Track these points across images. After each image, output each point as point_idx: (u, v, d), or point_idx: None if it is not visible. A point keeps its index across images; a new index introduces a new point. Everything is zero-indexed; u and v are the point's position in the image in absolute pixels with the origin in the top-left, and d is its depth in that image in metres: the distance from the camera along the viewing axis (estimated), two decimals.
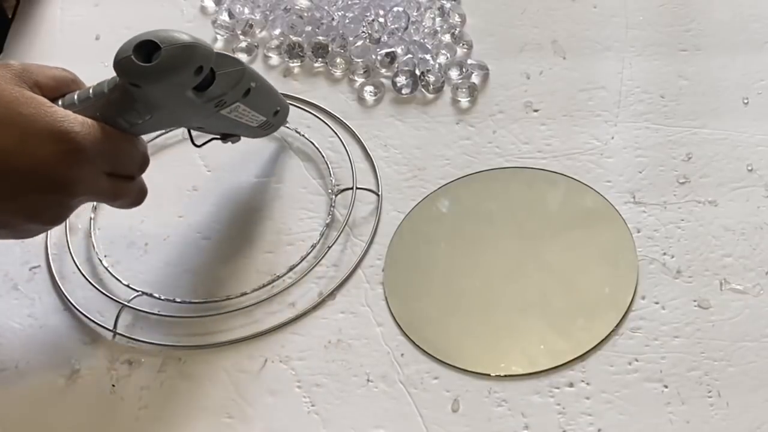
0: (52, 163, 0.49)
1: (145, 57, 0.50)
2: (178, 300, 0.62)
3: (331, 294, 0.62)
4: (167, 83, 0.51)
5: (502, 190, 0.66)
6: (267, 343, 0.60)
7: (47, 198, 0.51)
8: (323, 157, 0.68)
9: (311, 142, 0.69)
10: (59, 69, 0.54)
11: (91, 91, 0.53)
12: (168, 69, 0.50)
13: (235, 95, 0.56)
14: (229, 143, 0.63)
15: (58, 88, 0.53)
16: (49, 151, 0.49)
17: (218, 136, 0.62)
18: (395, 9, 0.74)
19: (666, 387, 0.55)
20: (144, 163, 0.56)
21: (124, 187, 0.55)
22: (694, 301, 0.59)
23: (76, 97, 0.53)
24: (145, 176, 0.69)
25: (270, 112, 0.63)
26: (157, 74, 0.50)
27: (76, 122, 0.50)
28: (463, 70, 0.72)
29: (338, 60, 0.74)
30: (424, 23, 0.75)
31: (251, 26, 0.78)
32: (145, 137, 0.55)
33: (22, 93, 0.50)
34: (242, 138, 0.64)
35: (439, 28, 0.75)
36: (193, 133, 0.61)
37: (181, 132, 0.72)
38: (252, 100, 0.58)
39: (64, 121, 0.50)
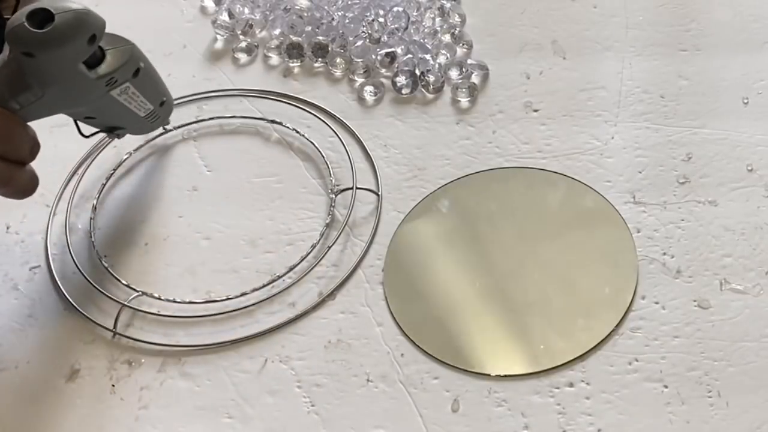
0: None
1: (38, 26, 0.50)
2: (178, 300, 0.62)
3: (331, 294, 0.62)
4: (61, 51, 0.51)
5: (502, 190, 0.66)
6: (267, 343, 0.60)
7: None
8: (323, 157, 0.68)
9: (311, 142, 0.69)
10: None
11: None
12: (62, 36, 0.50)
13: (125, 73, 0.57)
14: (115, 138, 0.64)
15: None
16: None
17: (104, 129, 0.62)
18: (395, 9, 0.74)
19: (666, 387, 0.55)
20: (35, 148, 0.55)
21: (14, 172, 0.54)
22: (694, 301, 0.59)
23: None
24: (146, 176, 0.70)
25: (157, 100, 0.62)
26: (52, 41, 0.50)
27: None
28: (463, 70, 0.72)
29: (338, 60, 0.74)
30: (424, 23, 0.75)
31: (251, 26, 0.78)
32: (142, 137, 0.55)
33: None
34: (137, 133, 0.65)
35: (439, 28, 0.75)
36: (80, 125, 0.61)
37: (181, 132, 0.72)
38: (141, 81, 0.58)
39: None
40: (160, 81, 0.63)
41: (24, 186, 0.56)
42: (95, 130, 0.62)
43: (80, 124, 0.61)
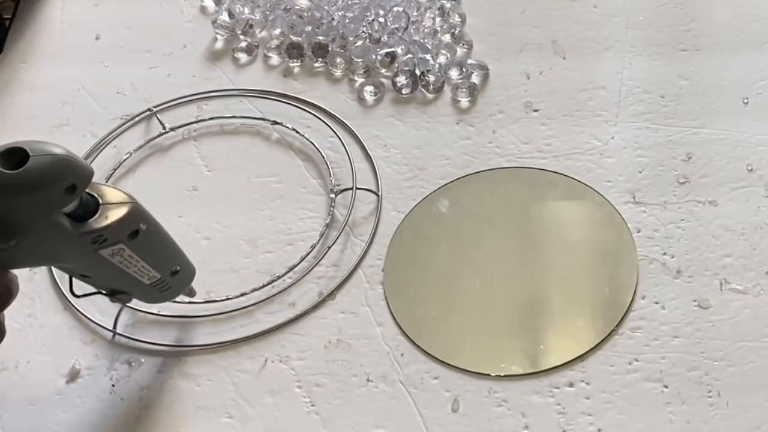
0: None
1: (11, 166, 0.44)
2: (178, 300, 0.62)
3: (331, 294, 0.62)
4: (32, 197, 0.45)
5: (502, 190, 0.66)
6: (267, 343, 0.60)
7: None
8: (323, 157, 0.68)
9: (311, 142, 0.69)
10: None
11: None
12: (32, 181, 0.44)
13: (117, 233, 0.49)
14: (118, 303, 0.56)
15: None
16: None
17: (105, 292, 0.54)
18: (395, 9, 0.74)
19: (666, 387, 0.55)
20: (3, 298, 0.49)
21: None
22: (694, 301, 0.59)
23: None
24: (147, 176, 0.70)
25: (166, 269, 0.54)
26: (20, 184, 0.44)
27: None
28: (463, 70, 0.72)
29: (338, 60, 0.74)
30: (424, 23, 0.75)
31: (251, 26, 0.78)
32: (142, 137, 0.52)
33: None
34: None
35: (439, 28, 0.75)
36: (77, 282, 0.54)
37: (181, 132, 0.72)
38: (140, 245, 0.51)
39: None
40: (171, 247, 0.55)
41: None
42: (92, 290, 0.55)
43: (75, 281, 0.54)
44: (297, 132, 0.70)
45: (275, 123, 0.71)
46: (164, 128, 0.71)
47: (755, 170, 0.65)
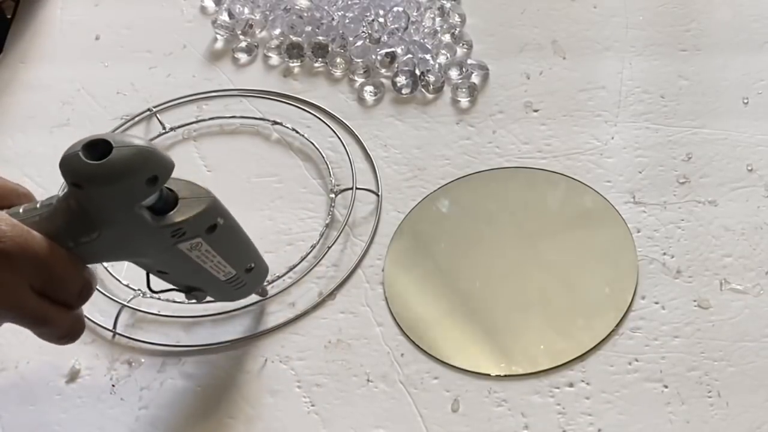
0: None
1: (96, 158, 0.45)
2: (178, 300, 0.62)
3: (331, 294, 0.62)
4: (115, 189, 0.46)
5: (502, 190, 0.66)
6: (267, 343, 0.60)
7: None
8: (323, 157, 0.68)
9: (311, 142, 0.69)
10: (12, 183, 0.50)
11: (38, 203, 0.48)
12: (115, 171, 0.45)
13: (196, 227, 0.50)
14: (194, 301, 0.56)
15: (5, 197, 0.48)
16: None
17: (180, 288, 0.55)
18: (395, 9, 0.74)
19: (666, 387, 0.55)
20: (84, 292, 0.49)
21: (55, 314, 0.48)
22: (694, 301, 0.59)
23: (21, 208, 0.48)
24: None
25: (241, 265, 0.55)
26: (104, 175, 0.45)
27: (8, 224, 0.45)
28: (463, 70, 0.72)
29: (338, 60, 0.74)
30: (424, 23, 0.75)
31: (251, 26, 0.78)
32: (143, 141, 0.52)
33: None
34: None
35: (439, 28, 0.75)
36: (153, 278, 0.54)
37: (181, 132, 0.72)
38: (218, 240, 0.51)
39: None
40: (247, 244, 0.55)
41: (63, 331, 0.50)
42: (168, 287, 0.55)
43: (153, 277, 0.54)
44: (297, 132, 0.70)
45: (275, 123, 0.71)
46: (164, 128, 0.71)
47: (755, 170, 0.65)
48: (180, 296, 0.61)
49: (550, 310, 0.59)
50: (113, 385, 0.59)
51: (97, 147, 0.45)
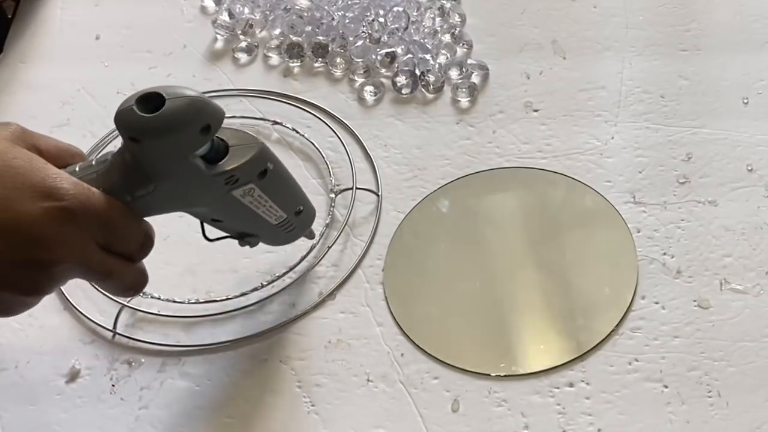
0: (37, 218, 0.45)
1: (149, 111, 0.46)
2: (178, 300, 0.62)
3: (331, 294, 0.62)
4: (170, 140, 0.47)
5: (502, 190, 0.66)
6: (267, 343, 0.60)
7: (26, 259, 0.46)
8: (323, 157, 0.68)
9: (311, 142, 0.69)
10: (65, 142, 0.51)
11: (94, 160, 0.49)
12: (171, 122, 0.46)
13: (248, 173, 0.51)
14: (247, 247, 0.57)
15: (59, 157, 0.49)
16: (36, 206, 0.45)
17: (234, 235, 0.56)
18: (395, 9, 0.74)
19: (666, 387, 0.55)
20: (146, 244, 0.51)
21: (119, 267, 0.50)
22: (694, 301, 0.59)
23: (77, 167, 0.49)
24: None
25: (291, 208, 0.56)
26: (159, 127, 0.46)
27: (69, 182, 0.46)
28: (463, 70, 0.72)
29: (338, 60, 0.74)
30: (424, 23, 0.75)
31: (251, 26, 0.78)
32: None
33: (15, 148, 0.46)
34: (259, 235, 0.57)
35: (439, 28, 0.75)
36: (207, 227, 0.55)
37: None
38: (269, 184, 0.52)
39: (57, 178, 0.46)
40: (295, 188, 0.57)
41: (127, 284, 0.51)
42: (222, 234, 0.56)
43: (207, 226, 0.55)
44: (297, 132, 0.70)
45: (275, 123, 0.71)
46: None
47: (755, 170, 0.65)
48: (180, 296, 0.62)
49: (550, 310, 0.59)
50: (113, 385, 0.59)
51: (151, 100, 0.46)
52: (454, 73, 0.72)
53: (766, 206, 0.63)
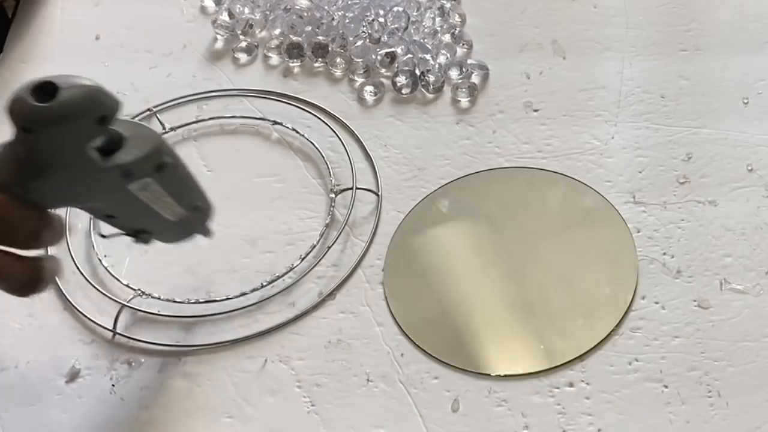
0: None
1: (42, 100, 0.44)
2: (178, 300, 0.62)
3: (331, 294, 0.62)
4: (64, 130, 0.45)
5: (502, 190, 0.66)
6: (267, 343, 0.60)
7: None
8: (323, 157, 0.68)
9: (311, 142, 0.69)
10: None
11: None
12: (65, 112, 0.44)
13: (146, 167, 0.49)
14: (141, 244, 0.55)
15: None
16: None
17: (129, 232, 0.55)
18: (395, 9, 0.74)
19: (666, 387, 0.55)
20: (33, 236, 0.48)
21: (7, 263, 0.47)
22: (694, 301, 0.59)
23: None
24: None
25: (189, 204, 0.54)
26: (53, 116, 0.44)
27: None
28: (463, 70, 0.72)
29: (338, 60, 0.74)
30: (424, 23, 0.75)
31: (251, 26, 0.78)
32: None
33: None
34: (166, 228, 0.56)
35: (439, 28, 0.75)
36: (102, 224, 0.54)
37: (181, 132, 0.72)
38: (166, 179, 0.50)
39: None
40: (194, 183, 0.54)
41: (19, 283, 0.48)
42: (117, 231, 0.54)
43: (101, 223, 0.54)
44: (297, 132, 0.70)
45: (275, 123, 0.71)
46: (164, 128, 0.71)
47: (755, 170, 0.65)
48: (180, 296, 0.62)
49: (550, 310, 0.59)
50: (113, 385, 0.59)
51: (44, 89, 0.44)
52: (454, 73, 0.72)
53: (766, 206, 0.63)
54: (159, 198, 0.51)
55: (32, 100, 0.44)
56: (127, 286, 0.63)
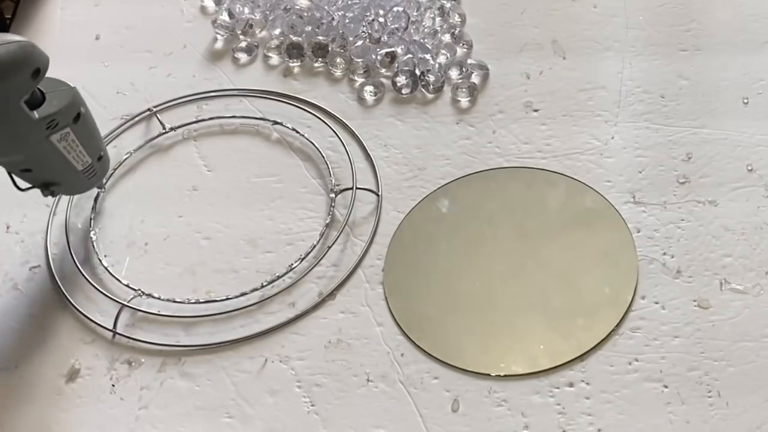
0: None
1: None
2: (178, 300, 0.62)
3: (331, 294, 0.62)
4: (3, 85, 0.49)
5: (502, 190, 0.66)
6: (267, 343, 0.60)
7: None
8: (323, 157, 0.68)
9: (311, 142, 0.69)
10: None
11: None
12: (4, 68, 0.48)
13: (66, 117, 0.54)
14: (49, 197, 0.60)
15: None
16: None
17: (39, 185, 0.58)
18: (395, 9, 0.74)
19: (666, 387, 0.55)
20: None
21: None
22: (694, 301, 0.59)
23: None
24: (146, 176, 0.70)
25: (95, 154, 0.59)
26: None
27: None
28: (463, 70, 0.72)
29: (338, 60, 0.74)
30: (424, 23, 0.75)
31: (251, 26, 0.78)
32: (142, 137, 0.54)
33: None
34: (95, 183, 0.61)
35: (439, 28, 0.75)
36: (16, 179, 0.58)
37: (181, 132, 0.72)
38: (81, 129, 0.56)
39: None
40: (98, 134, 0.60)
41: None
42: (29, 185, 0.58)
43: (15, 178, 0.57)
44: (297, 132, 0.70)
45: (275, 123, 0.71)
46: (164, 128, 0.71)
47: (755, 170, 0.65)
48: (180, 296, 0.62)
49: (550, 310, 0.59)
50: (113, 385, 0.59)
51: None
52: (454, 73, 0.72)
53: (766, 206, 0.63)
54: (74, 147, 0.56)
55: None
56: (127, 286, 0.63)
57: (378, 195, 0.66)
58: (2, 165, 0.55)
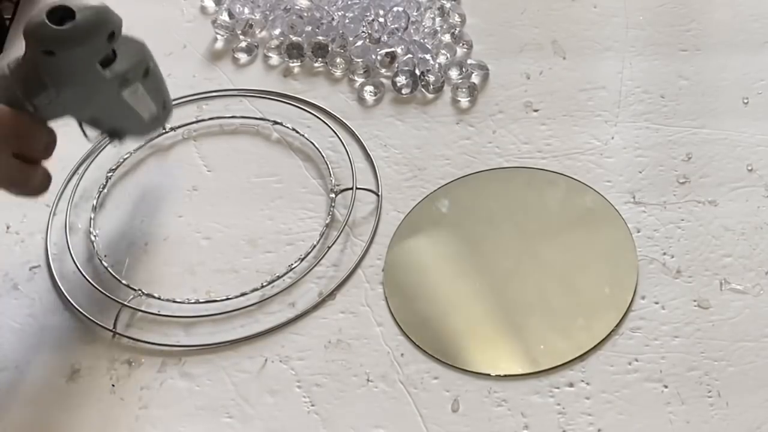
0: None
1: (58, 23, 0.50)
2: (178, 300, 0.62)
3: (331, 294, 0.62)
4: (82, 49, 0.51)
5: (502, 190, 0.66)
6: (267, 343, 0.60)
7: None
8: (323, 157, 0.68)
9: (311, 142, 0.69)
10: None
11: None
12: (83, 32, 0.50)
13: (137, 73, 0.56)
14: (115, 142, 0.62)
15: None
16: None
17: (107, 132, 0.61)
18: (395, 9, 0.74)
19: (666, 387, 0.55)
20: (50, 145, 0.56)
21: (29, 172, 0.56)
22: (694, 301, 0.59)
23: None
24: (146, 176, 0.70)
25: (161, 103, 0.61)
26: (73, 38, 0.50)
27: None
28: (463, 70, 0.72)
29: (338, 60, 0.74)
30: (424, 23, 0.75)
31: (251, 26, 0.78)
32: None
33: None
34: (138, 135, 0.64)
35: (439, 28, 0.75)
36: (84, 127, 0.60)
37: (181, 132, 0.72)
38: (151, 82, 0.58)
39: None
40: (164, 84, 0.61)
41: (37, 186, 0.57)
42: (97, 132, 0.61)
43: (85, 127, 0.59)
44: (297, 132, 0.70)
45: (275, 123, 0.71)
46: (164, 128, 0.71)
47: (755, 170, 0.65)
48: (180, 296, 0.62)
49: (550, 310, 0.59)
50: (113, 385, 0.59)
51: (57, 14, 0.50)
52: (454, 73, 0.72)
53: (766, 206, 0.63)
54: (142, 100, 0.57)
55: (52, 25, 0.49)
56: (127, 286, 0.63)
57: (378, 195, 0.66)
58: (75, 117, 0.57)
